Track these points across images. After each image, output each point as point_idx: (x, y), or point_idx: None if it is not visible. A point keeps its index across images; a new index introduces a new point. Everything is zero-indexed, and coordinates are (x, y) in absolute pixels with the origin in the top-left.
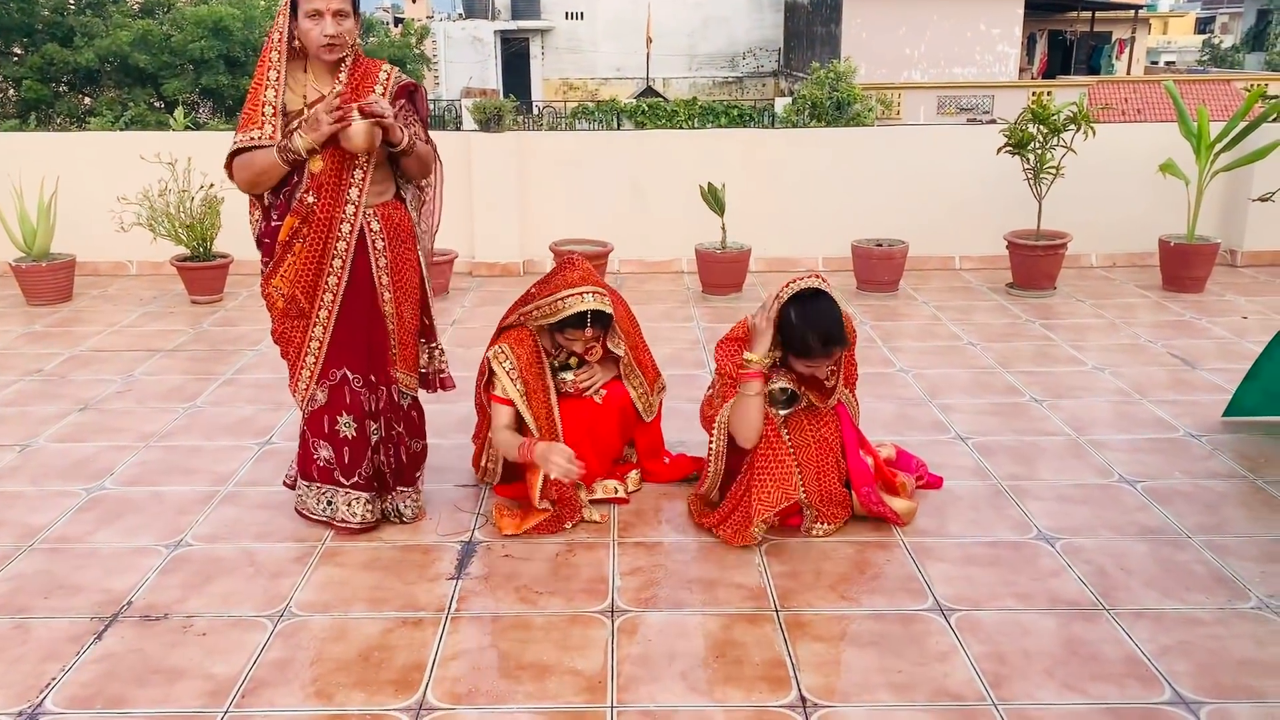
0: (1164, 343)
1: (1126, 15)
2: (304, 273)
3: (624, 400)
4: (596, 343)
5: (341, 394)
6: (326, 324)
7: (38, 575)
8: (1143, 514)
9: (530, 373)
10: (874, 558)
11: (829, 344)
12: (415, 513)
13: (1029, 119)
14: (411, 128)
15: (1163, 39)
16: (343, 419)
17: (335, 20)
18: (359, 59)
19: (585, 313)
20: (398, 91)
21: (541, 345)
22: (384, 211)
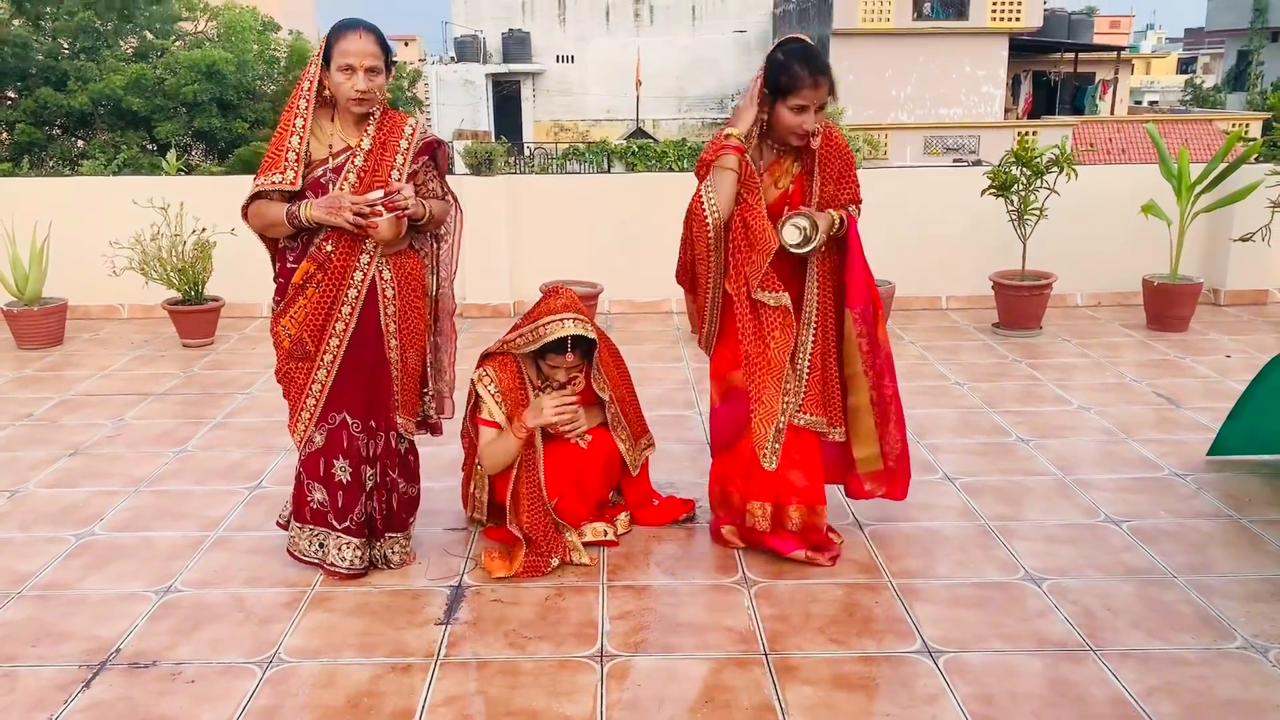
0: (1149, 382)
1: (1110, 57)
2: (314, 317)
3: (610, 447)
4: (579, 372)
5: (339, 438)
6: (330, 368)
7: (26, 623)
8: (1129, 554)
9: (512, 399)
10: (862, 599)
11: (815, 71)
12: (403, 558)
13: (1012, 161)
14: (430, 184)
15: (1146, 79)
16: (339, 463)
17: (367, 76)
18: (387, 112)
19: (566, 338)
20: (422, 148)
21: (526, 375)
22: (396, 260)
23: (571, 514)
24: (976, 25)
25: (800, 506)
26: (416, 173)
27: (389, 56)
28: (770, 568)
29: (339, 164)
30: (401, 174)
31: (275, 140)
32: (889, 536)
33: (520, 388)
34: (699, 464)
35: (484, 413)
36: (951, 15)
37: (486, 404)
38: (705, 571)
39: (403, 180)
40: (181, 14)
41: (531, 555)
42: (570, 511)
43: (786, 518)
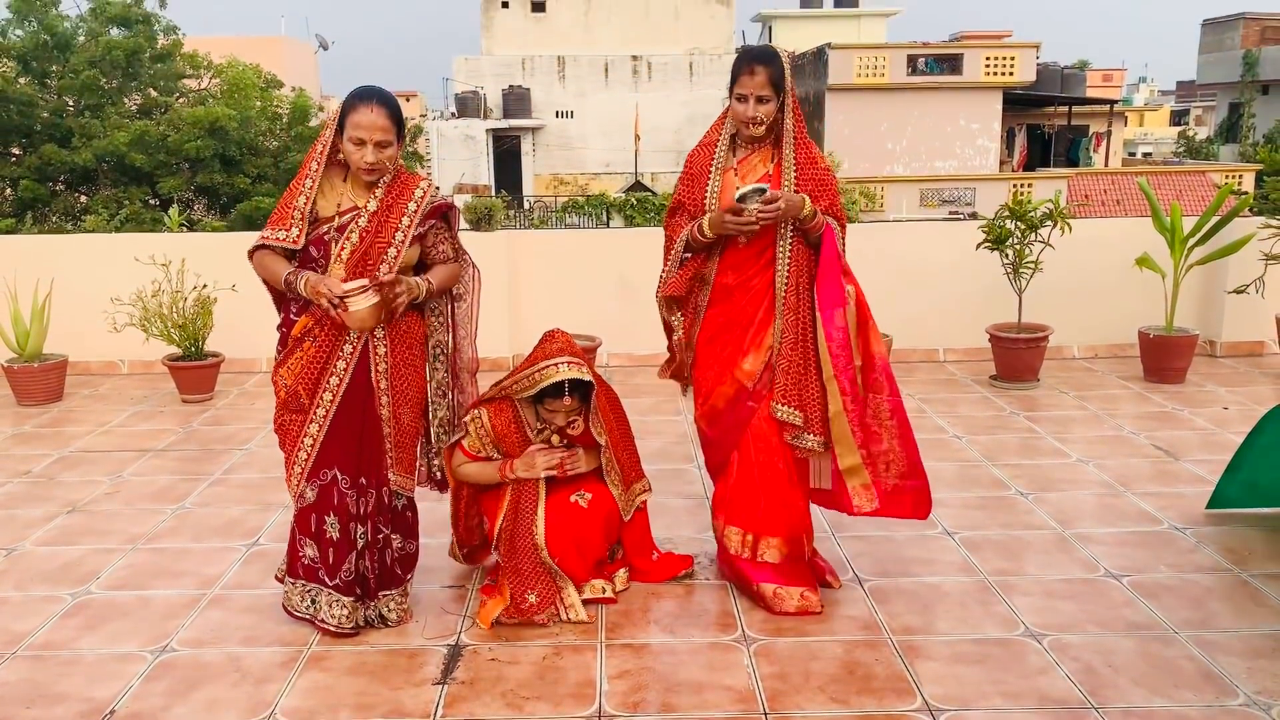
0: (1147, 434)
1: (1103, 109)
2: (309, 370)
3: (610, 506)
4: (578, 416)
5: (330, 494)
6: (323, 423)
7: (20, 684)
8: (1129, 609)
9: (508, 442)
10: (862, 657)
11: (751, 59)
12: (400, 616)
13: (1006, 215)
14: (440, 246)
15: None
16: (329, 519)
17: (376, 149)
18: (398, 175)
19: (563, 382)
20: (431, 211)
21: (524, 418)
22: (393, 320)
23: (570, 572)
24: (970, 80)
25: (777, 538)
26: (425, 235)
27: (401, 127)
28: (770, 625)
29: (344, 223)
30: (406, 236)
31: (285, 196)
32: (889, 592)
33: (517, 431)
34: (698, 519)
35: (466, 443)
36: (945, 70)
37: (470, 438)
38: (704, 629)
39: (406, 241)
40: (185, 71)
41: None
42: (570, 570)
43: (763, 547)
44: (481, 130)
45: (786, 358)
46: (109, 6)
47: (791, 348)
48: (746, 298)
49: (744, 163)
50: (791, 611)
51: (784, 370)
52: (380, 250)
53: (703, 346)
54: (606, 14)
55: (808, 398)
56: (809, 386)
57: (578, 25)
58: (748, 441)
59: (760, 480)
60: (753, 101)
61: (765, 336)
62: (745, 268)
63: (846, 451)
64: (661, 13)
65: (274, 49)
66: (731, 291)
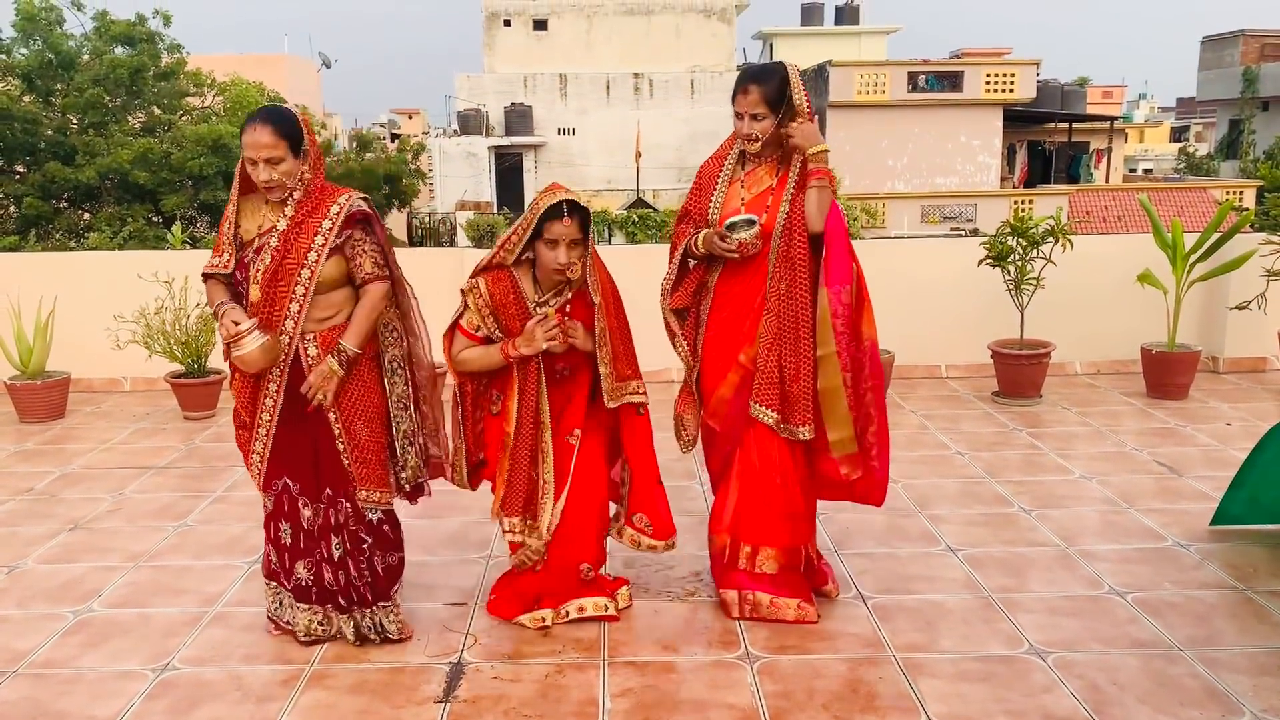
0: (1150, 450)
1: (1103, 126)
2: (243, 389)
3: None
4: (580, 249)
5: (281, 503)
6: (266, 440)
7: (21, 702)
8: (1133, 626)
9: (507, 313)
10: (866, 675)
11: (743, 80)
12: (399, 629)
13: (1008, 232)
14: (359, 260)
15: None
16: (283, 526)
17: (268, 167)
18: (309, 193)
19: (562, 203)
20: (345, 221)
21: (523, 290)
22: (327, 337)
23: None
24: (971, 96)
25: (775, 549)
26: (343, 248)
27: (295, 142)
28: (773, 643)
29: (260, 244)
30: (321, 253)
31: (220, 223)
32: (891, 609)
33: (515, 302)
34: (700, 536)
35: (466, 322)
36: (946, 87)
37: (470, 313)
38: (707, 647)
39: (321, 259)
40: (189, 89)
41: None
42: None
43: (761, 558)
44: (484, 147)
45: (763, 358)
46: (113, 25)
47: (769, 349)
48: (745, 294)
49: (750, 175)
50: (789, 620)
51: (762, 370)
52: (293, 269)
53: (708, 346)
54: (608, 32)
55: (790, 397)
56: (790, 382)
57: (579, 43)
58: (750, 444)
59: (760, 489)
60: (747, 119)
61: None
62: (744, 277)
63: (839, 424)
64: (663, 31)
65: (277, 67)
66: (731, 295)
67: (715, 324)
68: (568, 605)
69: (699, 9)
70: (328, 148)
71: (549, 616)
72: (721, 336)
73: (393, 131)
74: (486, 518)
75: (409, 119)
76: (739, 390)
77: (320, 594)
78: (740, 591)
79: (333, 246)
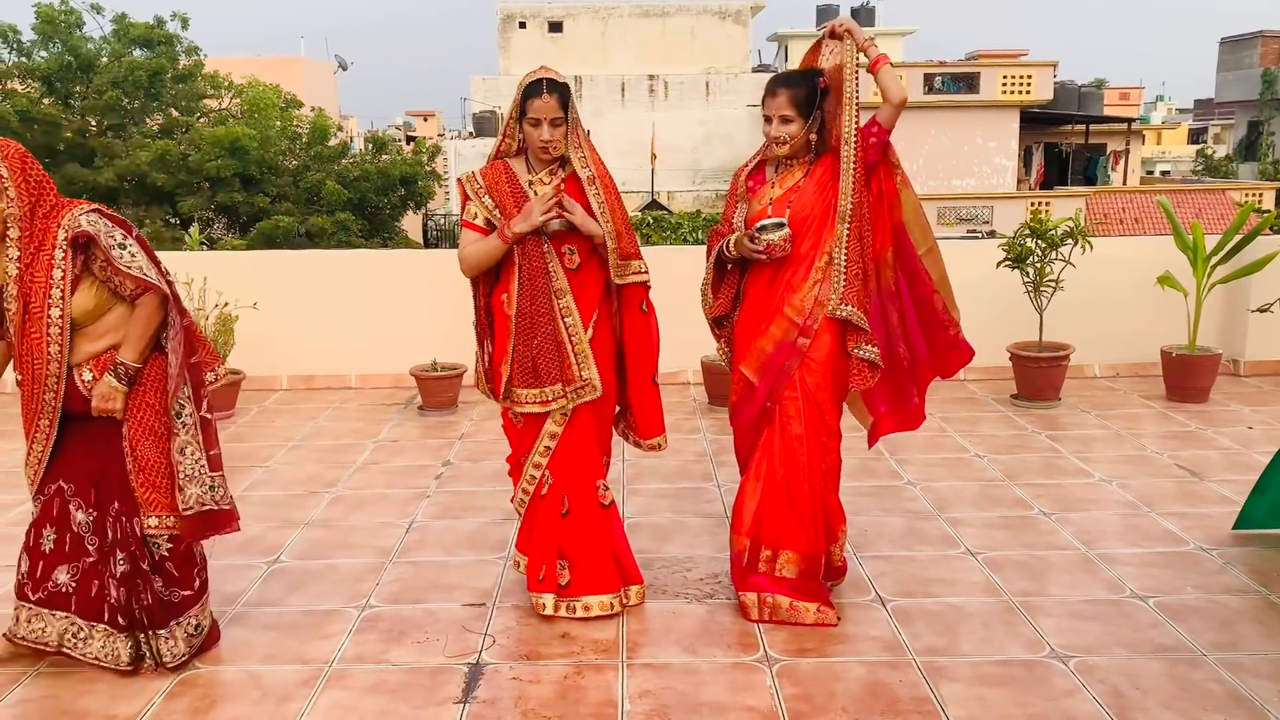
0: (1170, 454)
1: (1120, 128)
2: (27, 410)
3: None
4: (560, 135)
5: (51, 508)
6: (45, 446)
7: (43, 700)
8: (1156, 631)
9: (500, 191)
10: (886, 678)
11: (771, 85)
12: (174, 656)
13: (1026, 233)
14: (116, 279)
15: (1157, 149)
16: (47, 531)
17: None
18: (27, 227)
19: (540, 80)
20: (74, 248)
21: (515, 172)
22: (102, 363)
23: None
24: (988, 98)
25: (796, 554)
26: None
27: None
28: (792, 646)
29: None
30: (64, 289)
31: None
32: (911, 613)
33: (510, 182)
34: (718, 538)
35: (467, 213)
36: (962, 89)
37: (470, 203)
38: (726, 649)
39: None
40: (206, 91)
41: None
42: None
43: (781, 561)
44: None
45: (850, 261)
46: (132, 28)
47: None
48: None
49: (782, 176)
50: (809, 624)
51: (847, 272)
52: (38, 314)
53: (744, 310)
54: (623, 34)
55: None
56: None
57: (594, 45)
58: (776, 427)
59: (782, 490)
60: (776, 121)
61: (810, 276)
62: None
63: (955, 307)
64: (678, 33)
65: (294, 69)
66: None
67: (753, 295)
68: (576, 601)
69: (714, 11)
70: (344, 150)
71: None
72: (762, 296)
73: (408, 134)
74: (504, 518)
75: (424, 121)
76: (781, 345)
77: (83, 605)
78: (760, 594)
79: (74, 277)
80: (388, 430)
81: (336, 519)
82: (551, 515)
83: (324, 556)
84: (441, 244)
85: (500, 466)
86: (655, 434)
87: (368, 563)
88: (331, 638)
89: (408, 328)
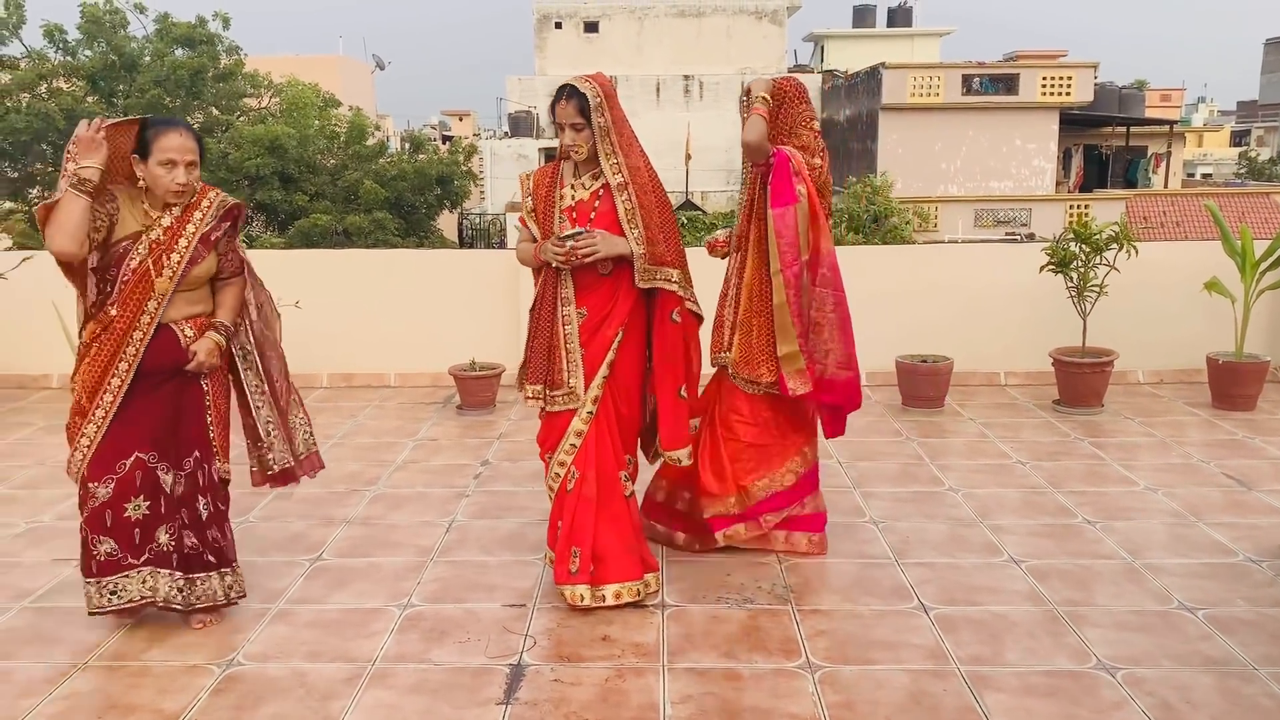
0: (1217, 462)
1: (1162, 130)
2: (90, 376)
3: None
4: (582, 140)
5: (132, 479)
6: (102, 423)
7: (93, 694)
8: (1205, 643)
9: (538, 195)
10: (929, 686)
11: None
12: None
13: (1070, 237)
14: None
15: (1198, 152)
16: (134, 502)
17: (187, 170)
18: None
19: (562, 86)
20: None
21: (561, 175)
22: (199, 324)
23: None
24: (1027, 100)
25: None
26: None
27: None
28: (835, 653)
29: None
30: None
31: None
32: (955, 621)
33: (548, 194)
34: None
35: (523, 208)
36: (1001, 90)
37: (523, 200)
38: (767, 655)
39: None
40: (246, 90)
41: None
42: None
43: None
44: (534, 149)
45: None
46: (174, 27)
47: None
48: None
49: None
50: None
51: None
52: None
53: None
54: (659, 34)
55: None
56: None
57: (630, 45)
58: None
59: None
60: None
61: None
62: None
63: (785, 340)
64: (713, 32)
65: (332, 68)
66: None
67: None
68: (604, 589)
69: (750, 11)
70: (381, 149)
71: (586, 594)
72: None
73: (443, 133)
74: (543, 520)
75: (459, 121)
76: None
77: (183, 558)
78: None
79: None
80: (426, 429)
81: (377, 517)
82: (578, 506)
83: (365, 554)
84: (476, 243)
85: (538, 467)
86: (676, 446)
87: (409, 561)
88: (374, 636)
89: (446, 327)
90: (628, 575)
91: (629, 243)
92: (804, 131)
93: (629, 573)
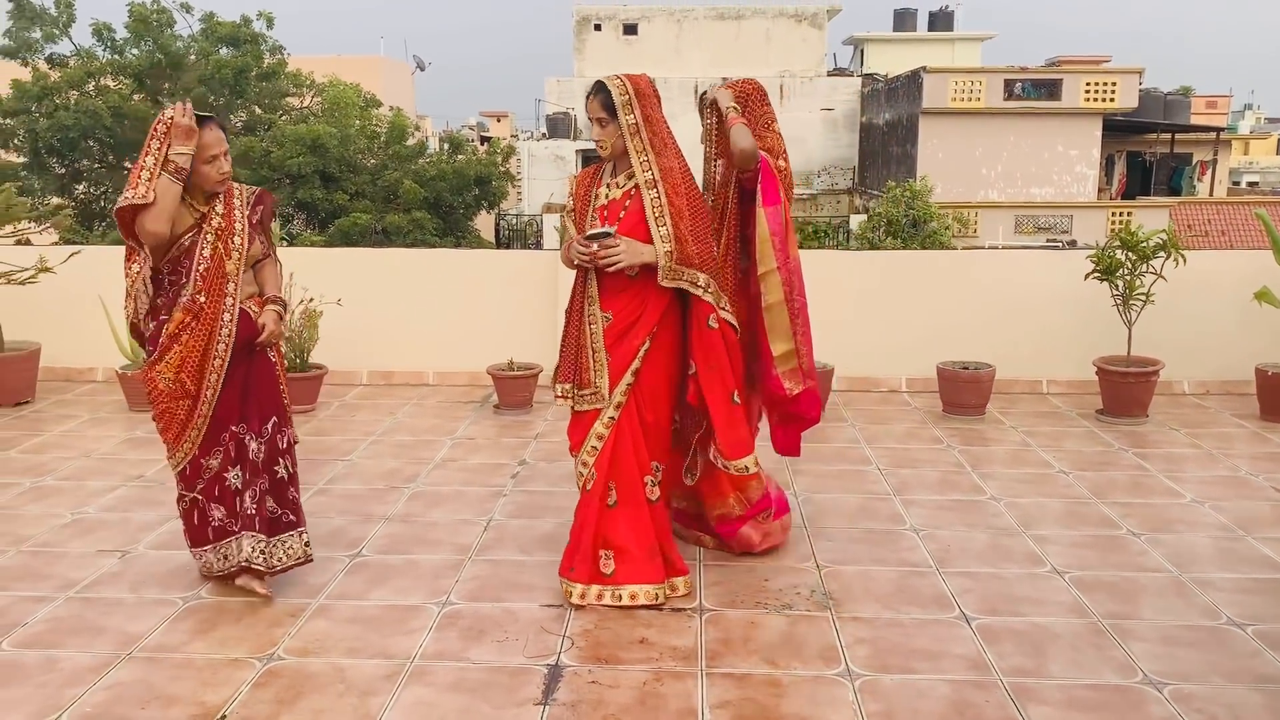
0: (1266, 476)
1: (1207, 137)
2: (189, 360)
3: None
4: (608, 136)
5: (230, 453)
6: (211, 400)
7: (135, 684)
8: (1256, 660)
9: (577, 195)
10: (972, 697)
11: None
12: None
13: (1117, 245)
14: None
15: (1244, 160)
16: (231, 472)
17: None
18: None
19: (594, 82)
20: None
21: (601, 173)
22: (258, 302)
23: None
24: (1069, 105)
25: None
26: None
27: None
28: (875, 661)
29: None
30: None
31: None
32: (997, 631)
33: (585, 193)
34: (798, 548)
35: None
36: (1044, 95)
37: (566, 201)
38: (807, 662)
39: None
40: (289, 90)
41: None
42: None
43: None
44: (571, 151)
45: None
46: (219, 27)
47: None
48: None
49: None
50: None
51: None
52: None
53: None
54: (698, 36)
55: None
56: None
57: (669, 47)
58: None
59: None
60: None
61: None
62: None
63: (781, 339)
64: (752, 35)
65: (373, 69)
66: None
67: None
68: (621, 589)
69: (790, 14)
70: (421, 150)
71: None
72: None
73: (482, 134)
74: None
75: (497, 122)
76: None
77: (263, 522)
78: None
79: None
80: (464, 428)
81: (416, 514)
82: (595, 507)
83: (404, 551)
84: (513, 244)
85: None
86: (738, 455)
87: (447, 559)
88: (413, 633)
89: (485, 327)
90: (647, 578)
91: (655, 243)
92: (767, 134)
93: (649, 575)
